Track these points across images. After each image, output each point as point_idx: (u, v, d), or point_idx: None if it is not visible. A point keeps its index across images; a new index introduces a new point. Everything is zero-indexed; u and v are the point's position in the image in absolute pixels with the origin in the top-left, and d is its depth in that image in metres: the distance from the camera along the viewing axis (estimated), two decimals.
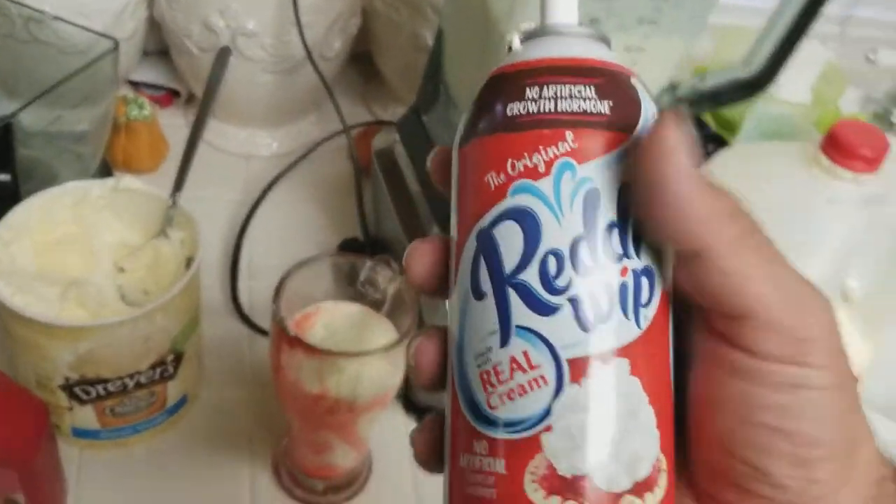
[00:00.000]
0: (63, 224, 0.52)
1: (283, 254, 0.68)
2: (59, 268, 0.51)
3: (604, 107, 0.22)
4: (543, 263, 0.22)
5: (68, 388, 0.49)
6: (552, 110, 0.22)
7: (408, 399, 0.58)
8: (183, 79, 0.77)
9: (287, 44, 0.67)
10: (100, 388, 0.49)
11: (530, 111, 0.23)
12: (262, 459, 0.55)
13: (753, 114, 0.74)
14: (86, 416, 0.51)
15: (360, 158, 0.69)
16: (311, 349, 0.42)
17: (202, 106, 0.51)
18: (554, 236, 0.22)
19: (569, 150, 0.22)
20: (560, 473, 0.21)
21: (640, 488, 0.21)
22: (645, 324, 0.22)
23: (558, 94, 0.22)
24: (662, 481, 0.22)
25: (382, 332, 0.47)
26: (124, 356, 0.48)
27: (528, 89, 0.23)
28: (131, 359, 0.48)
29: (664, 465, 0.22)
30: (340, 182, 0.74)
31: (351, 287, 0.48)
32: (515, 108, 0.23)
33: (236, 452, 0.55)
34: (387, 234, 0.62)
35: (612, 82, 0.23)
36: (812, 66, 0.79)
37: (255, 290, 0.65)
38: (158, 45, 0.80)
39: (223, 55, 0.52)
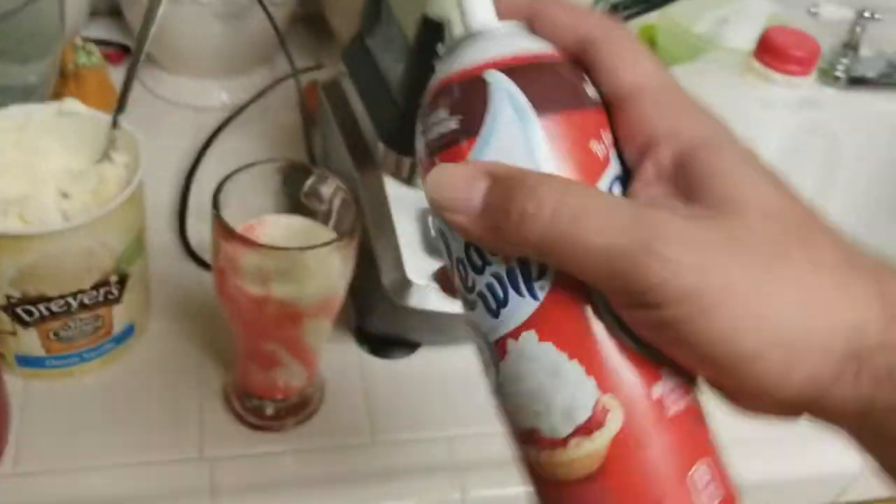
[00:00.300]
0: (4, 150, 0.52)
1: None
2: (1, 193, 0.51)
3: (454, 122, 0.25)
4: (459, 271, 0.26)
5: (10, 308, 0.48)
6: (429, 140, 0.26)
7: (361, 330, 0.58)
8: (134, 33, 0.77)
9: None
10: (42, 308, 0.48)
11: (422, 145, 0.26)
12: (213, 390, 0.55)
13: (698, 61, 0.76)
14: (30, 341, 0.50)
15: (309, 107, 0.70)
16: (252, 243, 0.42)
17: (147, 14, 0.51)
18: (455, 247, 0.26)
19: None
20: (520, 429, 0.25)
21: (585, 429, 0.24)
22: (542, 294, 0.24)
23: (428, 126, 0.26)
24: (614, 417, 0.24)
25: None
26: (67, 271, 0.47)
27: (419, 123, 0.27)
28: (74, 275, 0.48)
29: (612, 402, 0.24)
30: (290, 130, 0.74)
31: (294, 199, 0.48)
32: (418, 143, 0.27)
33: (186, 383, 0.55)
34: (335, 167, 0.62)
35: (463, 94, 0.25)
36: (756, 19, 0.81)
37: (205, 233, 0.64)
38: (109, 4, 0.80)
39: None
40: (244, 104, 0.73)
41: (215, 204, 0.44)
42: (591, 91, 0.26)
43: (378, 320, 0.56)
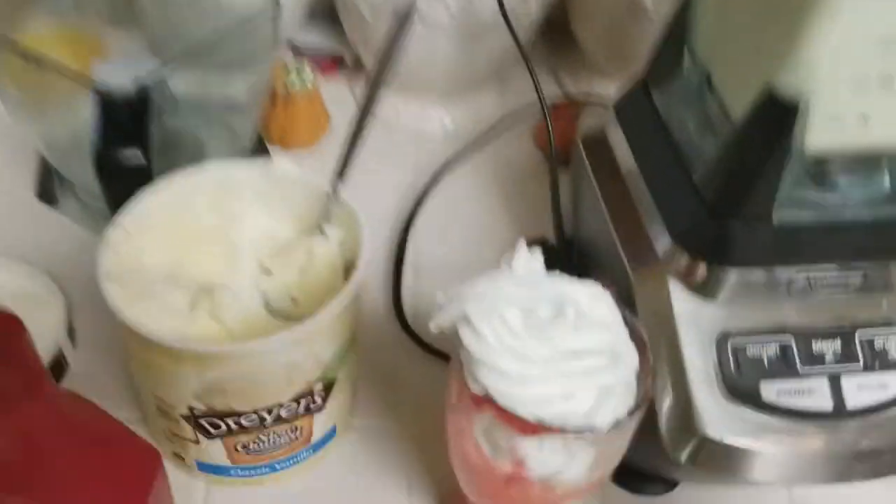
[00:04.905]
0: (201, 214, 0.43)
1: (456, 252, 0.57)
2: (192, 268, 0.42)
3: None
4: None
5: (193, 419, 0.39)
6: None
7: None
8: (351, 44, 0.67)
9: (474, 3, 0.55)
10: (231, 422, 0.39)
11: None
12: (426, 501, 0.44)
13: None
14: (214, 451, 0.41)
15: (557, 143, 0.57)
16: (511, 417, 0.30)
17: (373, 84, 0.40)
18: None
19: None
20: None
21: None
22: None
23: None
24: None
25: None
26: (262, 387, 0.38)
27: None
28: (271, 390, 0.38)
29: None
30: (527, 170, 0.62)
31: None
32: None
33: (395, 490, 0.45)
34: (589, 240, 0.49)
35: None
36: None
37: (421, 295, 0.54)
38: (326, 6, 0.70)
39: (405, 19, 0.41)
40: (473, 140, 0.61)
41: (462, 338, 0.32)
42: None
43: (637, 456, 0.43)
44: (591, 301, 0.30)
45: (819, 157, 0.35)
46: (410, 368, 0.50)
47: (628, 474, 0.45)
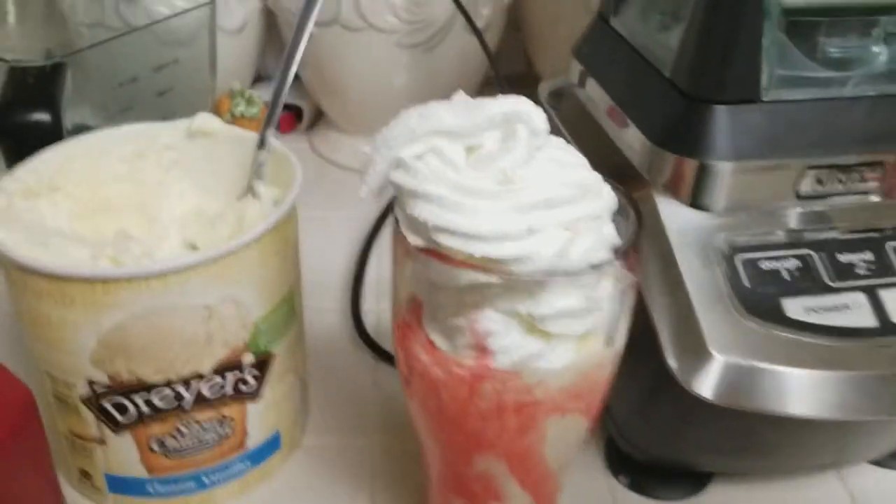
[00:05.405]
0: (114, 182, 0.37)
1: None
2: (102, 237, 0.36)
3: None
4: None
5: (95, 399, 0.32)
6: None
7: (617, 450, 0.38)
8: (310, 94, 0.64)
9: (424, 6, 0.53)
10: (140, 400, 0.32)
11: None
12: None
13: None
14: (124, 452, 0.34)
15: None
16: (466, 263, 0.23)
17: (303, 15, 0.36)
18: None
19: None
20: None
21: None
22: None
23: None
24: None
25: None
26: (174, 342, 0.31)
27: None
28: (186, 350, 0.31)
29: None
30: None
31: None
32: None
33: None
34: None
35: None
36: None
37: (384, 315, 0.48)
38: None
39: None
40: None
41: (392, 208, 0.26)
42: None
43: (647, 432, 0.36)
44: (547, 124, 0.24)
45: (797, 10, 0.31)
46: (371, 382, 0.43)
47: (637, 470, 0.37)
